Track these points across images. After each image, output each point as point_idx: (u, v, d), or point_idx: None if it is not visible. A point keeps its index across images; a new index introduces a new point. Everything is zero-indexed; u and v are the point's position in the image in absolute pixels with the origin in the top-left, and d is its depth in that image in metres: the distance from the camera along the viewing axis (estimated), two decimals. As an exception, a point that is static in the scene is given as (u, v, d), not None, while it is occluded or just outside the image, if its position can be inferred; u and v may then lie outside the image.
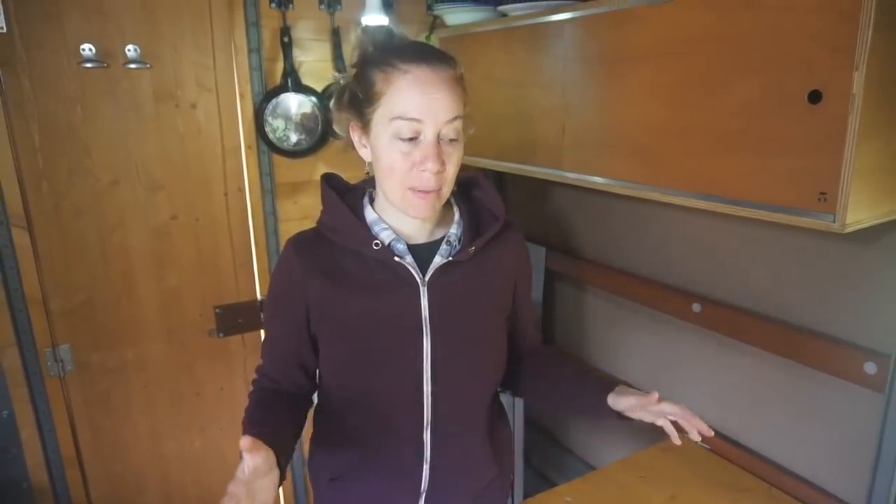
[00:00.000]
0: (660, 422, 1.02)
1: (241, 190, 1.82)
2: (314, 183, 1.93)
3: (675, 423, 1.03)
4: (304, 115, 1.79)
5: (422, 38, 1.92)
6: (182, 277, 1.80)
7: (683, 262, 1.55)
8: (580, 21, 1.31)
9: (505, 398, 1.27)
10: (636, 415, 1.03)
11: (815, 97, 0.92)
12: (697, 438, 1.01)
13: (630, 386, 1.09)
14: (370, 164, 0.99)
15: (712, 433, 0.99)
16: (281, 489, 1.47)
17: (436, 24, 1.90)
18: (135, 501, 1.87)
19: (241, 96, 1.77)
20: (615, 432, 1.87)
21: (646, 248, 1.65)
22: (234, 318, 1.87)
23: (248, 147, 1.80)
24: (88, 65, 1.57)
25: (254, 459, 0.78)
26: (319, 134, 1.82)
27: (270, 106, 1.76)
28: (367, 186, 1.05)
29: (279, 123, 1.78)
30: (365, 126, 0.95)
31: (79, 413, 1.75)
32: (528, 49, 1.48)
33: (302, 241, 1.03)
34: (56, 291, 1.66)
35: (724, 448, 1.50)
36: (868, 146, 0.90)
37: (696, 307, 1.50)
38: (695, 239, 1.52)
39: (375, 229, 1.00)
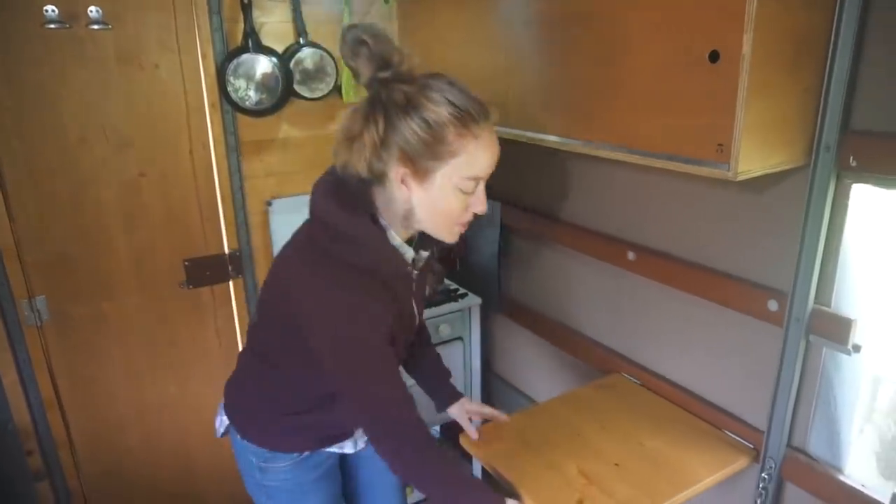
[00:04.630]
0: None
1: (206, 147, 1.90)
2: (278, 142, 2.01)
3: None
4: (264, 75, 1.86)
5: (380, 2, 1.98)
6: (152, 232, 1.88)
7: (620, 214, 1.67)
8: (518, -16, 1.39)
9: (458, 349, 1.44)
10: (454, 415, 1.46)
11: (714, 57, 1.02)
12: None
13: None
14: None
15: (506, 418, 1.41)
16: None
17: (394, -15, 1.95)
18: (115, 442, 1.99)
19: (203, 56, 1.83)
20: (559, 375, 2.01)
21: (588, 202, 1.76)
22: (203, 271, 1.97)
23: (211, 106, 1.87)
24: (52, 26, 1.62)
25: None
26: (280, 93, 1.89)
27: (232, 66, 1.82)
28: (360, 197, 1.05)
29: (241, 83, 1.84)
30: (421, 174, 0.98)
31: (57, 361, 1.85)
32: (477, 11, 1.55)
33: (364, 283, 1.03)
34: (30, 245, 1.74)
35: (654, 383, 1.65)
36: (757, 103, 1.00)
37: (631, 255, 1.62)
38: (629, 191, 1.62)
39: (401, 251, 1.09)
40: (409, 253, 1.11)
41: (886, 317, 1.22)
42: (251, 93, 1.86)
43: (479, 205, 1.04)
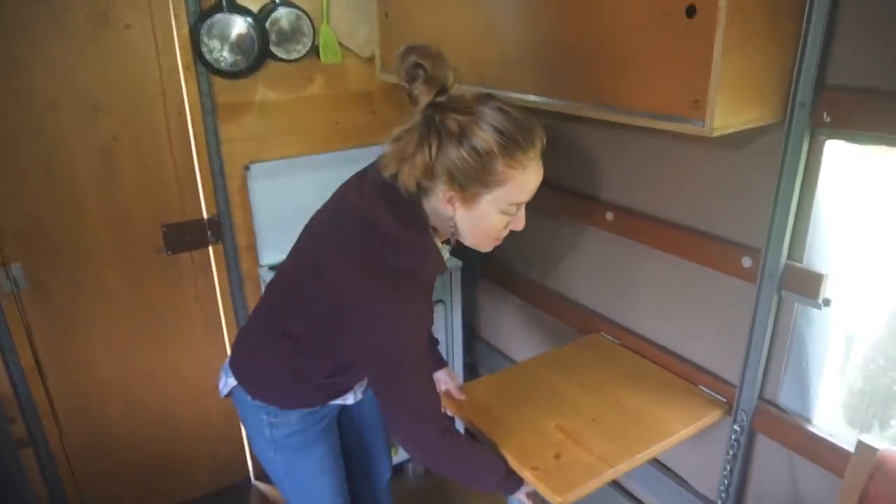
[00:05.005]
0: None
1: (182, 111, 1.86)
2: (256, 105, 1.97)
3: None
4: (239, 35, 1.81)
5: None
6: (128, 197, 1.85)
7: (599, 175, 1.67)
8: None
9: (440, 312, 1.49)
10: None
11: (691, 11, 1.02)
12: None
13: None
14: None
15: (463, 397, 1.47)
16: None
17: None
18: (99, 409, 1.99)
19: (176, 16, 1.77)
20: (541, 336, 2.04)
21: (568, 163, 1.76)
22: (182, 237, 1.95)
23: (185, 68, 1.83)
24: (17, -17, 1.57)
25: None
26: (256, 54, 1.85)
27: (206, 26, 1.78)
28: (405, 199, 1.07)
29: (215, 44, 1.80)
30: (468, 199, 1.03)
31: (37, 329, 1.83)
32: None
33: (414, 290, 1.10)
34: (3, 212, 1.70)
35: (631, 341, 1.68)
36: (733, 58, 1.00)
37: (610, 216, 1.63)
38: (608, 152, 1.63)
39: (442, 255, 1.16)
40: (446, 255, 1.19)
41: (857, 273, 1.25)
42: (226, 54, 1.82)
43: (519, 224, 1.11)
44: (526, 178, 1.03)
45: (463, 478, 1.28)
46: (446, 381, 1.50)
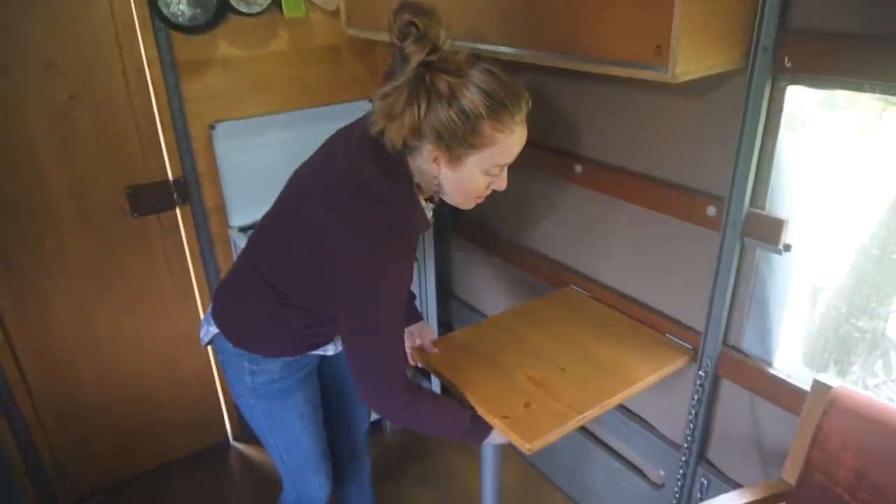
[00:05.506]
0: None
1: (141, 68, 1.80)
2: (217, 61, 1.92)
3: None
4: (198, -13, 1.75)
5: None
6: (88, 160, 1.80)
7: (567, 127, 1.67)
8: None
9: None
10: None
11: (653, -45, 1.00)
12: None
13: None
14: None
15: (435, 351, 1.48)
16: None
17: None
18: (70, 376, 1.97)
19: (129, -32, 1.71)
20: (514, 292, 2.06)
21: (536, 116, 1.74)
22: (147, 199, 1.91)
23: (142, 23, 1.76)
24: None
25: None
26: (215, 8, 1.79)
27: (161, -22, 1.71)
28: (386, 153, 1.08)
29: (172, -3, 1.73)
30: (453, 159, 1.05)
31: (2, 299, 1.80)
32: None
33: (399, 246, 1.12)
34: (-43, 178, 1.65)
35: (601, 293, 1.70)
36: (695, 3, 1.00)
37: (578, 168, 1.63)
38: (575, 104, 1.62)
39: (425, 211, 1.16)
40: (429, 213, 1.19)
41: (821, 222, 1.27)
42: (183, 7, 1.75)
43: (502, 184, 1.13)
44: (512, 141, 1.06)
45: (429, 431, 1.31)
46: (421, 334, 1.52)
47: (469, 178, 1.08)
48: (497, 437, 1.32)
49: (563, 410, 1.29)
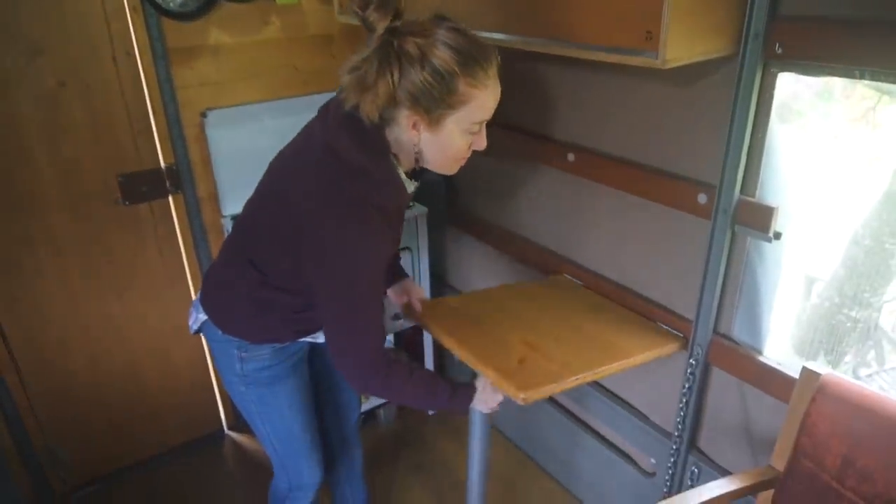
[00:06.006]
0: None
1: (131, 54, 1.78)
2: (209, 48, 1.90)
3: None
4: (188, -28, 1.73)
5: None
6: (79, 147, 1.79)
7: (559, 116, 1.66)
8: None
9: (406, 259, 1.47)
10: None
11: (644, -61, 1.00)
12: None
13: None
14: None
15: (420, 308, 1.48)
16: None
17: None
18: (62, 362, 1.97)
19: (119, -49, 1.69)
20: (507, 281, 2.06)
21: (530, 105, 1.74)
22: (139, 187, 1.90)
23: (132, 8, 1.74)
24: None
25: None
26: (206, -7, 1.78)
27: (151, -37, 1.69)
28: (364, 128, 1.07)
29: (163, -18, 1.72)
30: (432, 121, 1.04)
31: (-10, 283, 1.79)
32: None
33: (376, 220, 1.10)
34: (-55, 163, 1.64)
35: (594, 282, 1.70)
36: (685, -13, 0.99)
37: (571, 157, 1.63)
38: (567, 92, 1.61)
39: (405, 185, 1.16)
40: (410, 186, 1.19)
41: (813, 211, 1.27)
42: (174, -8, 1.74)
43: (482, 143, 1.13)
44: (486, 96, 1.05)
45: (409, 402, 1.32)
46: (409, 291, 1.52)
47: (450, 139, 1.08)
48: (481, 402, 1.31)
49: (557, 370, 1.29)
